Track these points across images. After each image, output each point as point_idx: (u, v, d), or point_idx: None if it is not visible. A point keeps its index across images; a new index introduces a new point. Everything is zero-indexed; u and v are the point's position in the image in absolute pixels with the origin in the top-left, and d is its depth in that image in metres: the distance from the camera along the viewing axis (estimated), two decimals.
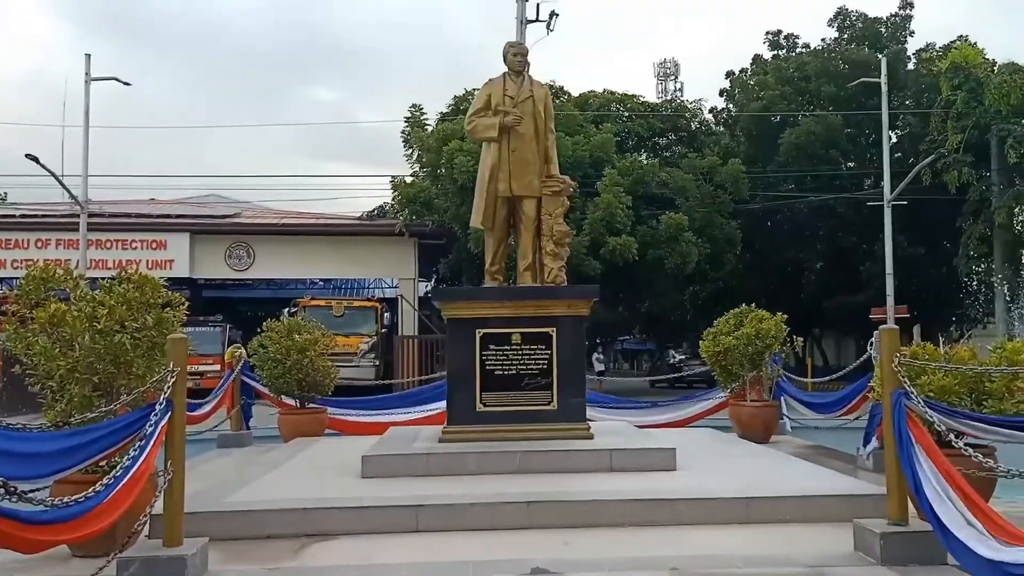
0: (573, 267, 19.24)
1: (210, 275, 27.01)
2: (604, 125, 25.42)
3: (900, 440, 4.53)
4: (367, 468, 6.71)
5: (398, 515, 5.55)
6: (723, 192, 25.72)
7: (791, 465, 7.41)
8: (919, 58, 30.64)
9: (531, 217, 7.96)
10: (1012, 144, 22.94)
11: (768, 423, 9.85)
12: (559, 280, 7.80)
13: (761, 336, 9.62)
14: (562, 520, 5.52)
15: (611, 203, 21.38)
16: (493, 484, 6.19)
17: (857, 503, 5.46)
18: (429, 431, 7.96)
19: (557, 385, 7.43)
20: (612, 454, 6.84)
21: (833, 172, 29.51)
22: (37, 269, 5.53)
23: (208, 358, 20.70)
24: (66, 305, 5.31)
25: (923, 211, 26.66)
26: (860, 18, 32.43)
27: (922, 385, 5.23)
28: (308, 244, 25.73)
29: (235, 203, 31.52)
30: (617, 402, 12.52)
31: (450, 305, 7.73)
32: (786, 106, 30.33)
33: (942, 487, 4.21)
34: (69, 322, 5.16)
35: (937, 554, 4.42)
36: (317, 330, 10.45)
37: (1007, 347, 5.71)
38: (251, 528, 5.37)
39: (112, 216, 25.26)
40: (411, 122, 25.11)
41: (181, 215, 26.71)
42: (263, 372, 10.08)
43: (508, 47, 8.27)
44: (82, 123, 21.08)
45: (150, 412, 4.54)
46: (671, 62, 63.82)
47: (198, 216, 26.95)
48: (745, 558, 4.73)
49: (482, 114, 8.01)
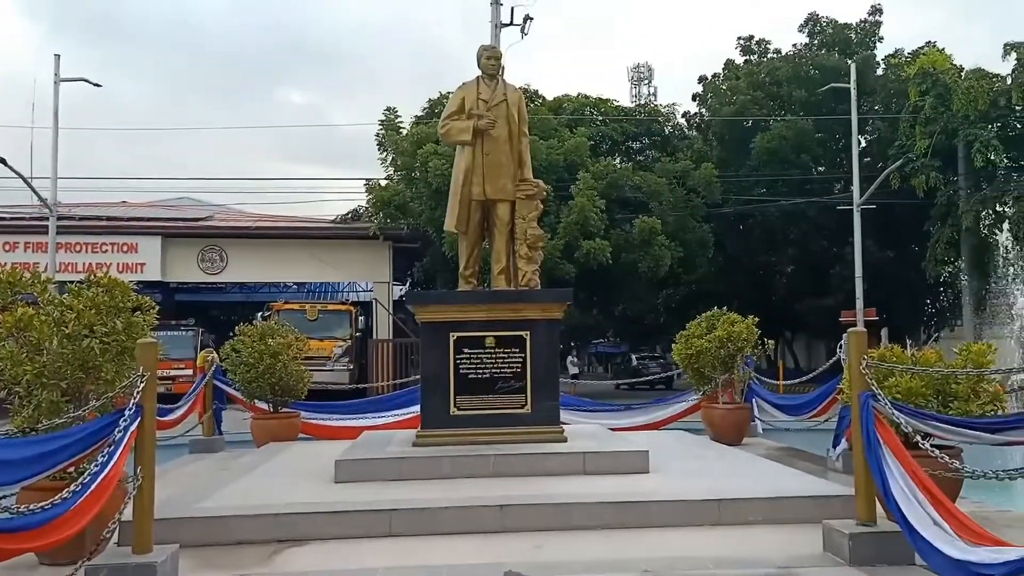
0: (547, 270, 19.30)
1: (182, 279, 26.72)
2: (578, 129, 25.55)
3: (868, 441, 4.59)
4: (340, 473, 6.68)
5: (371, 519, 5.53)
6: (696, 196, 25.93)
7: (762, 467, 7.48)
8: (888, 64, 31.11)
9: (505, 221, 7.97)
10: (979, 149, 23.36)
11: (740, 425, 9.95)
12: (533, 284, 7.82)
13: (733, 339, 9.72)
14: (535, 523, 5.54)
15: (585, 207, 21.46)
16: (467, 488, 6.19)
17: (826, 504, 5.53)
18: (403, 435, 7.95)
19: (531, 388, 7.45)
20: (585, 457, 6.86)
21: (804, 176, 29.85)
22: (4, 273, 5.45)
23: (180, 362, 20.50)
24: (34, 309, 5.24)
25: (892, 215, 27.05)
26: (830, 24, 32.84)
27: (889, 387, 5.30)
28: (282, 247, 25.56)
29: (208, 206, 31.21)
30: (591, 405, 12.55)
31: (424, 309, 7.72)
32: (758, 111, 30.64)
33: (909, 488, 4.27)
34: (37, 326, 5.09)
35: (905, 554, 4.48)
36: (290, 334, 10.38)
37: (973, 349, 5.81)
38: (222, 534, 5.33)
39: (82, 219, 24.89)
40: (386, 125, 25.04)
41: (153, 218, 26.42)
42: (235, 376, 9.99)
43: (482, 51, 8.28)
44: (51, 125, 20.77)
45: (119, 417, 4.49)
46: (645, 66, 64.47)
47: (170, 219, 26.68)
48: (716, 559, 4.77)
49: (456, 117, 8.02)
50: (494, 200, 7.94)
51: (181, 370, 20.25)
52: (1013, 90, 23.50)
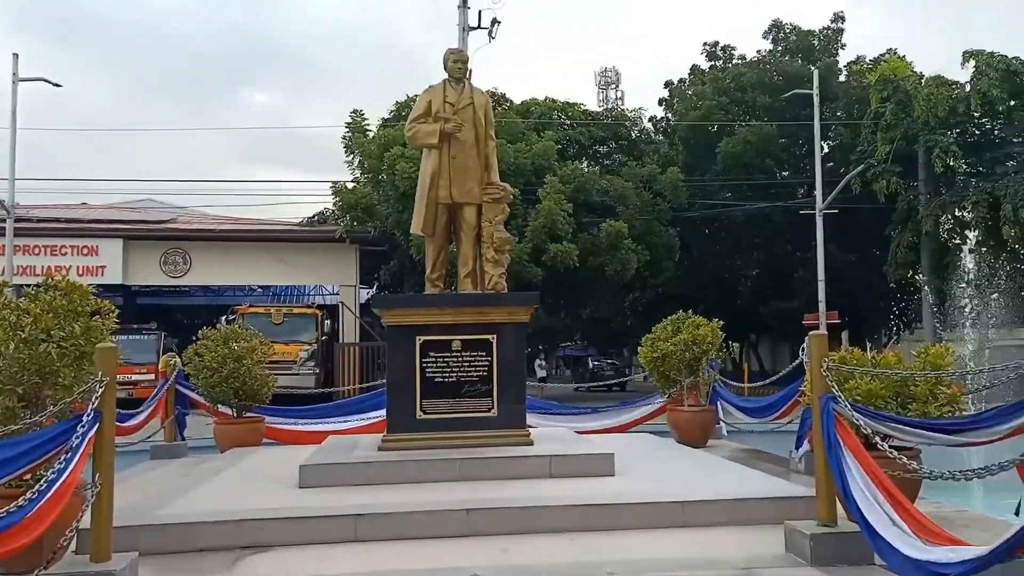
0: (515, 274, 19.34)
1: (144, 282, 26.35)
2: (546, 133, 25.64)
3: (829, 443, 4.66)
4: (305, 478, 6.62)
5: (336, 525, 5.48)
6: (662, 200, 26.15)
7: (726, 469, 7.55)
8: (850, 70, 31.63)
9: (472, 224, 7.97)
10: (939, 155, 23.82)
11: (705, 428, 10.01)
12: (499, 287, 7.82)
13: (698, 342, 9.78)
14: (502, 527, 5.54)
15: (552, 210, 21.54)
16: (433, 492, 6.17)
17: (789, 505, 5.59)
18: (369, 439, 7.90)
19: (497, 392, 7.45)
20: (552, 460, 6.88)
21: (768, 181, 30.24)
22: None
23: (142, 367, 20.17)
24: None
25: (854, 220, 27.49)
26: (794, 31, 33.32)
27: (850, 389, 5.37)
28: (246, 250, 25.30)
29: (171, 208, 30.81)
30: (558, 408, 12.57)
31: (390, 312, 7.69)
32: (723, 116, 30.99)
33: (869, 489, 4.33)
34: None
35: (865, 554, 4.54)
36: (255, 338, 10.27)
37: (931, 352, 5.91)
38: (183, 541, 5.26)
39: (41, 221, 24.45)
40: (352, 128, 24.94)
41: (114, 220, 26.00)
42: (198, 381, 9.86)
43: (448, 54, 8.27)
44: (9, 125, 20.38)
45: (77, 424, 4.40)
46: (612, 71, 64.67)
47: (132, 221, 26.28)
48: (680, 561, 4.81)
49: (422, 120, 8.00)
50: (461, 203, 7.94)
51: (143, 375, 19.94)
52: (972, 97, 24.01)
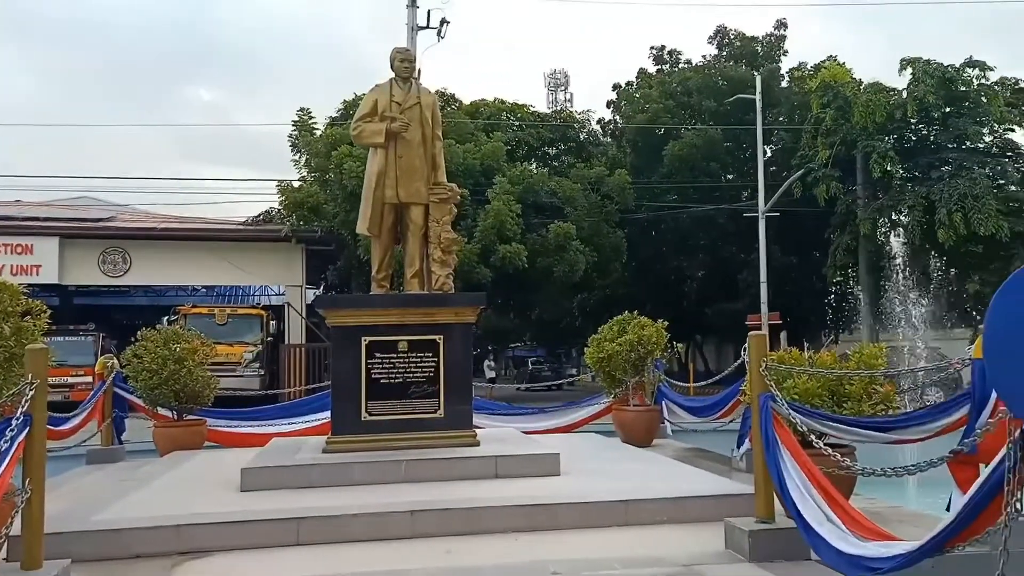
0: (464, 274, 19.33)
1: (82, 281, 25.59)
2: (495, 134, 25.66)
3: (767, 441, 4.74)
4: (247, 481, 6.51)
5: (278, 528, 5.40)
6: (610, 202, 26.37)
7: (670, 468, 7.64)
8: (792, 76, 32.31)
9: (418, 224, 7.94)
10: (876, 160, 24.49)
11: (650, 427, 10.13)
12: (447, 287, 7.80)
13: (643, 342, 9.89)
14: (446, 528, 5.52)
15: (501, 211, 21.57)
16: (378, 494, 6.12)
17: (729, 503, 5.69)
18: (313, 441, 7.80)
19: (444, 393, 7.42)
20: (497, 461, 6.88)
21: (713, 184, 30.73)
22: None
23: (79, 369, 19.60)
24: None
25: (795, 222, 28.09)
26: (738, 37, 33.91)
27: (787, 388, 5.49)
28: (189, 250, 24.73)
29: (110, 206, 30.00)
30: (505, 409, 12.61)
31: (335, 312, 7.61)
32: (669, 119, 31.39)
33: (805, 486, 4.42)
34: None
35: (801, 550, 4.62)
36: (196, 339, 10.07)
37: (865, 352, 6.07)
38: (119, 548, 5.12)
39: None
40: (299, 126, 24.63)
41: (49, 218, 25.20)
42: (137, 383, 9.63)
43: (395, 53, 8.22)
44: None
45: (5, 427, 4.27)
46: (561, 73, 65.08)
47: (69, 219, 25.51)
48: (622, 559, 4.85)
49: (368, 119, 7.94)
50: (407, 203, 7.90)
51: (80, 377, 19.38)
52: (908, 104, 24.74)
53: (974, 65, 25.27)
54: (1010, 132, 26.09)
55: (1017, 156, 25.98)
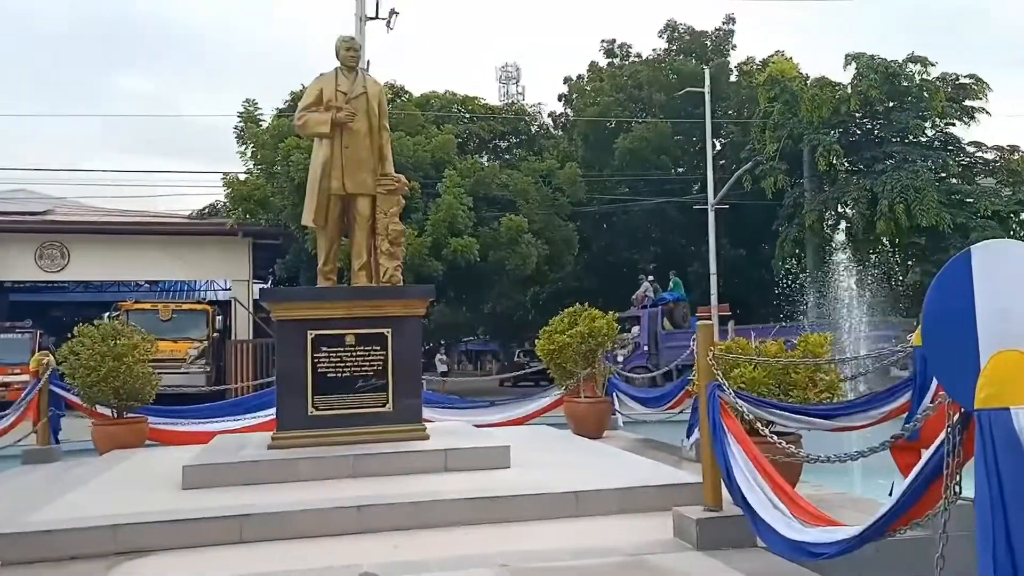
0: (414, 268, 19.18)
1: (18, 277, 24.82)
2: (445, 126, 25.47)
3: (714, 430, 4.76)
4: (188, 479, 6.34)
5: (220, 526, 5.26)
6: (561, 195, 26.38)
7: (621, 458, 7.65)
8: (740, 71, 32.73)
9: (365, 216, 7.81)
10: (822, 153, 24.94)
11: (601, 419, 10.14)
12: (395, 280, 7.70)
13: (594, 334, 9.90)
14: (394, 523, 5.44)
15: (452, 204, 21.42)
16: (325, 490, 6.01)
17: (678, 492, 5.70)
18: (258, 438, 7.65)
19: (392, 386, 7.32)
20: (447, 454, 6.81)
21: (664, 177, 30.99)
22: None
23: (14, 368, 19.00)
24: None
25: (744, 215, 28.49)
26: (688, 31, 34.20)
27: (735, 378, 5.52)
28: (131, 244, 24.12)
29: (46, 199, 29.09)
30: (457, 402, 12.52)
31: (280, 306, 7.45)
32: (620, 112, 31.56)
33: (751, 473, 4.44)
34: None
35: (748, 537, 4.65)
36: (136, 334, 9.80)
37: (810, 341, 6.14)
38: (52, 550, 4.94)
39: None
40: (245, 118, 24.14)
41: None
42: (74, 381, 9.33)
43: (341, 42, 8.06)
44: None
45: None
46: (513, 66, 64.86)
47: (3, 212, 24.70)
48: (572, 550, 4.82)
49: (313, 109, 7.77)
50: (354, 195, 7.77)
51: (16, 376, 18.79)
52: (853, 98, 25.24)
53: (916, 61, 25.87)
54: (951, 127, 26.76)
55: (958, 150, 26.66)
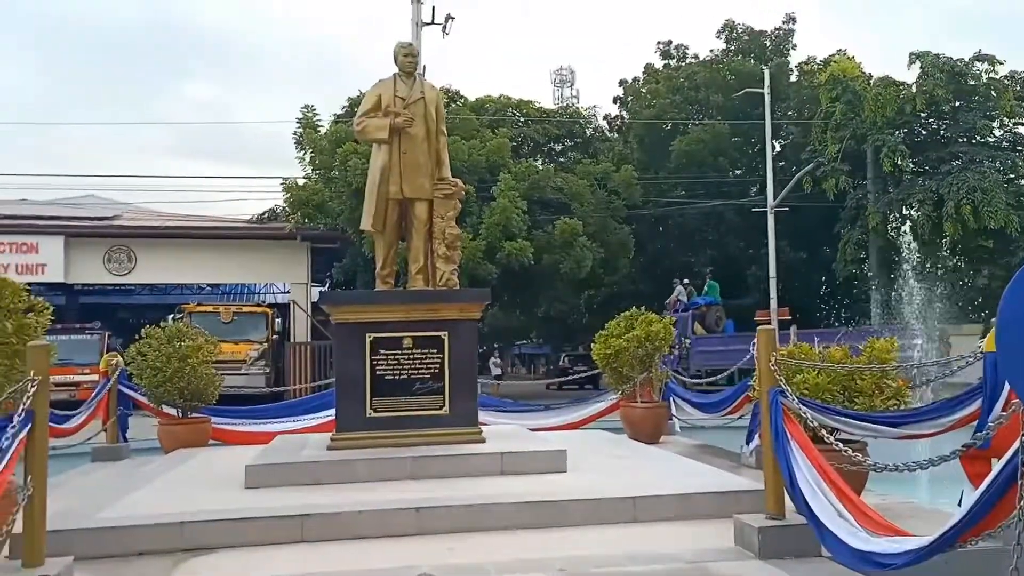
0: (469, 271, 19.28)
1: (87, 280, 25.66)
2: (500, 130, 25.60)
3: (777, 437, 4.67)
4: (251, 478, 6.46)
5: (282, 525, 5.35)
6: (616, 198, 26.27)
7: (678, 464, 7.56)
8: (801, 70, 32.16)
9: (423, 220, 7.88)
10: (887, 153, 24.38)
11: (657, 424, 10.05)
12: (451, 283, 7.75)
13: (651, 338, 9.82)
14: (451, 525, 5.46)
15: (507, 208, 21.49)
16: (383, 491, 6.07)
17: (738, 499, 5.62)
18: (318, 439, 7.76)
19: (449, 389, 7.36)
20: (503, 457, 6.82)
21: (721, 179, 30.63)
22: None
23: (84, 368, 19.62)
24: None
25: (804, 217, 27.96)
26: (746, 31, 33.76)
27: (797, 383, 5.41)
28: (194, 248, 24.77)
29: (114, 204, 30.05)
30: (512, 406, 12.53)
31: (339, 309, 7.56)
32: (676, 114, 31.28)
33: (816, 481, 4.35)
34: None
35: (811, 546, 4.56)
36: (201, 336, 10.04)
37: (876, 346, 5.98)
38: (122, 545, 5.08)
39: None
40: (303, 123, 24.59)
41: (54, 217, 25.27)
42: (141, 381, 9.60)
43: (399, 48, 8.15)
44: None
45: (6, 424, 4.23)
46: (567, 69, 64.68)
47: (73, 218, 25.57)
48: (630, 556, 4.78)
49: (372, 115, 7.87)
50: (411, 199, 7.84)
51: (85, 375, 19.40)
52: (918, 97, 24.60)
53: (983, 59, 25.13)
54: (1020, 126, 25.94)
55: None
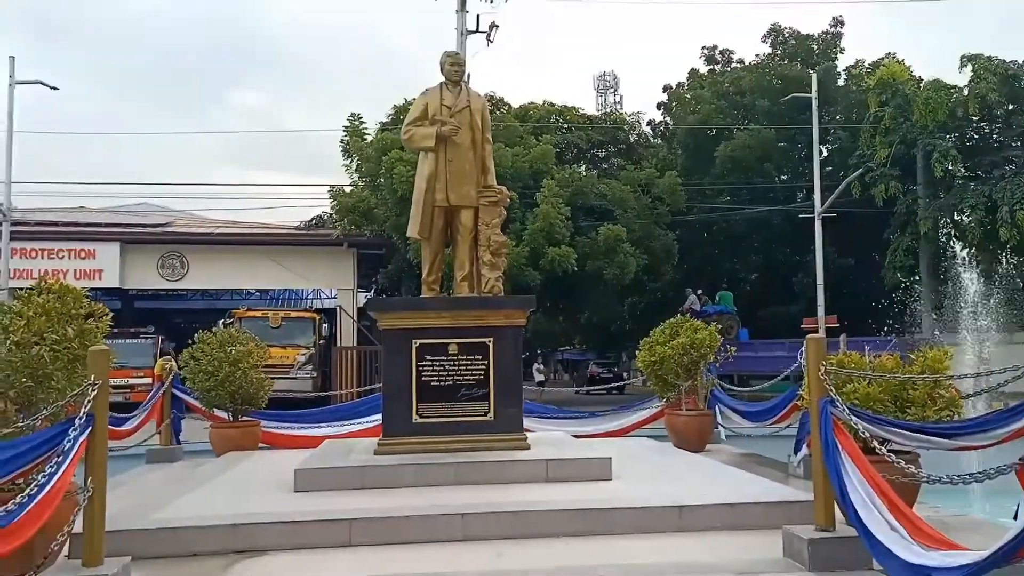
0: (512, 277, 19.31)
1: (142, 285, 26.31)
2: (544, 136, 25.62)
3: (827, 447, 4.62)
4: (300, 482, 6.58)
5: (331, 529, 5.45)
6: (660, 204, 26.11)
7: (724, 473, 7.51)
8: (849, 74, 31.64)
9: (468, 227, 7.95)
10: (938, 158, 23.84)
11: (703, 432, 9.97)
12: (496, 290, 7.80)
13: (696, 346, 9.74)
14: (497, 531, 5.50)
15: (550, 214, 21.50)
16: (429, 496, 6.13)
17: (787, 510, 5.56)
18: (365, 443, 7.85)
19: (494, 395, 7.41)
20: (548, 464, 6.83)
21: (767, 185, 30.24)
22: None
23: (139, 371, 20.09)
24: None
25: (852, 223, 27.46)
26: (793, 35, 33.34)
27: (848, 393, 5.34)
28: (244, 254, 25.29)
29: (168, 211, 30.79)
30: (555, 412, 12.51)
31: (386, 315, 7.65)
32: (721, 119, 30.99)
33: (867, 493, 4.29)
34: None
35: (862, 559, 4.50)
36: (251, 341, 10.23)
37: (929, 355, 5.87)
38: (177, 546, 5.22)
39: (37, 224, 24.46)
40: (350, 131, 24.92)
41: (111, 224, 25.99)
42: (194, 385, 9.82)
43: (445, 57, 8.25)
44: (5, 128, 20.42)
45: (69, 427, 4.37)
46: (611, 75, 64.46)
47: (129, 225, 26.27)
48: (676, 565, 4.77)
49: (419, 124, 7.98)
50: (457, 206, 7.92)
51: (140, 379, 19.86)
52: (969, 101, 24.02)
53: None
54: None
55: None
